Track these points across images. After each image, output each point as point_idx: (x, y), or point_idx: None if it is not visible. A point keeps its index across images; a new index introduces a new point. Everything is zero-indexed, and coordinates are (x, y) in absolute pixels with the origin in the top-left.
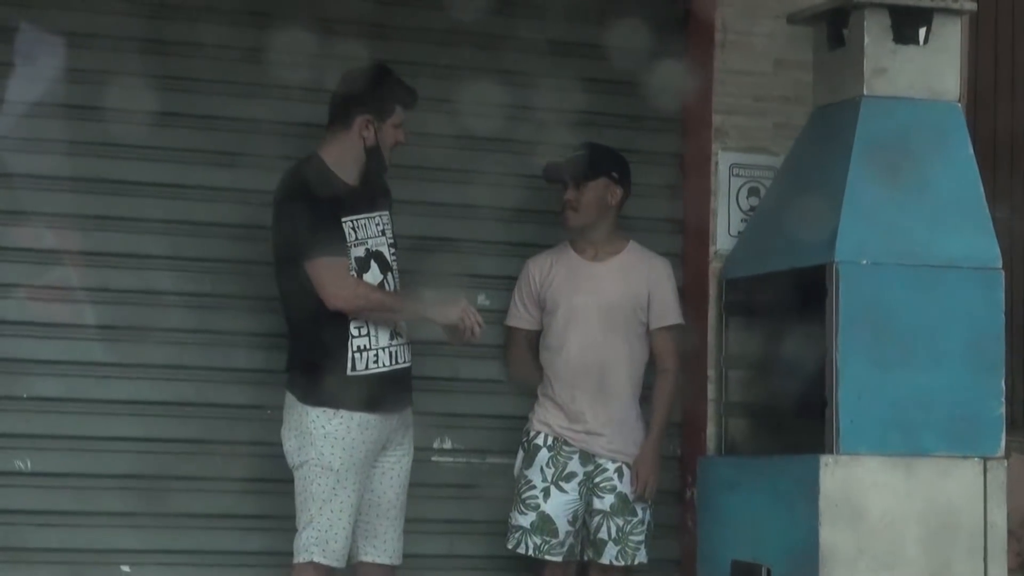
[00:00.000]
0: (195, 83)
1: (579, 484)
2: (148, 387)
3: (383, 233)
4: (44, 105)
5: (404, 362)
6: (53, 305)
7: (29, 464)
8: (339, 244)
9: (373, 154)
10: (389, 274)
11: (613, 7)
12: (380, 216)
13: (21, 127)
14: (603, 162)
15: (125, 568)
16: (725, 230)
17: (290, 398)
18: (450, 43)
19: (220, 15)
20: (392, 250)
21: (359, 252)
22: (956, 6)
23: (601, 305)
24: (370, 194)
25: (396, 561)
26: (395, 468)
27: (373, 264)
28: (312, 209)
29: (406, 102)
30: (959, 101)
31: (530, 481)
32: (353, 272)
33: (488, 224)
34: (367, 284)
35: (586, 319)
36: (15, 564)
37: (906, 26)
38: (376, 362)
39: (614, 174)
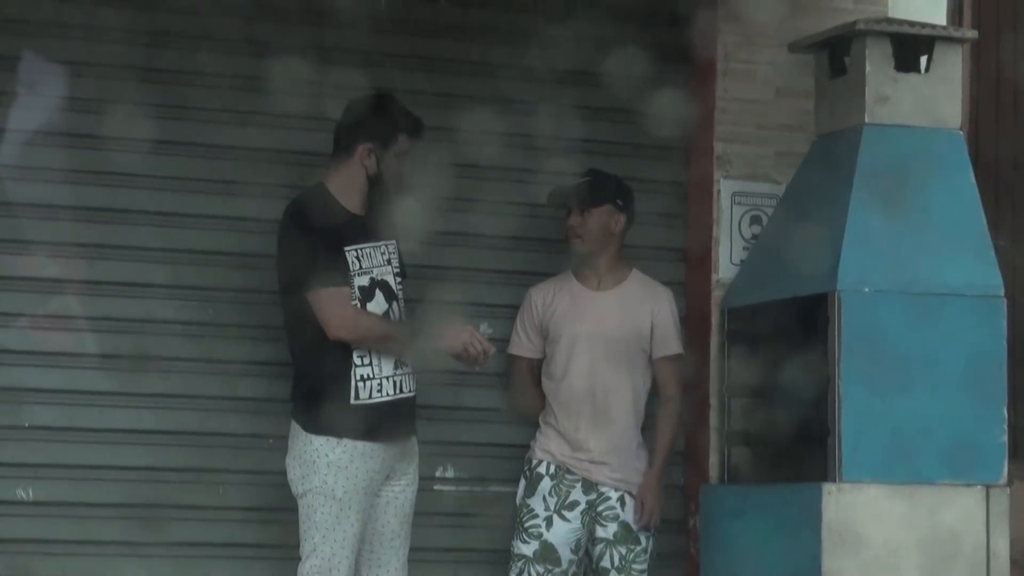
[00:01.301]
0: (195, 111)
1: (582, 513)
2: (150, 416)
3: (388, 262)
4: (45, 134)
5: (408, 391)
6: (55, 334)
7: (31, 493)
8: (341, 273)
9: (376, 183)
10: (395, 303)
11: (616, 36)
12: (386, 245)
13: (22, 156)
14: (607, 189)
15: None
16: (727, 258)
17: (294, 427)
18: (451, 72)
19: (220, 43)
20: (399, 279)
21: (363, 281)
22: (957, 34)
23: (604, 334)
24: (376, 223)
25: None
26: (399, 498)
27: (378, 293)
28: (314, 238)
29: (410, 131)
30: (961, 129)
31: (532, 510)
32: (357, 301)
33: (491, 252)
34: (369, 314)
35: (589, 348)
36: None
37: (907, 54)
38: (380, 391)
39: (618, 201)
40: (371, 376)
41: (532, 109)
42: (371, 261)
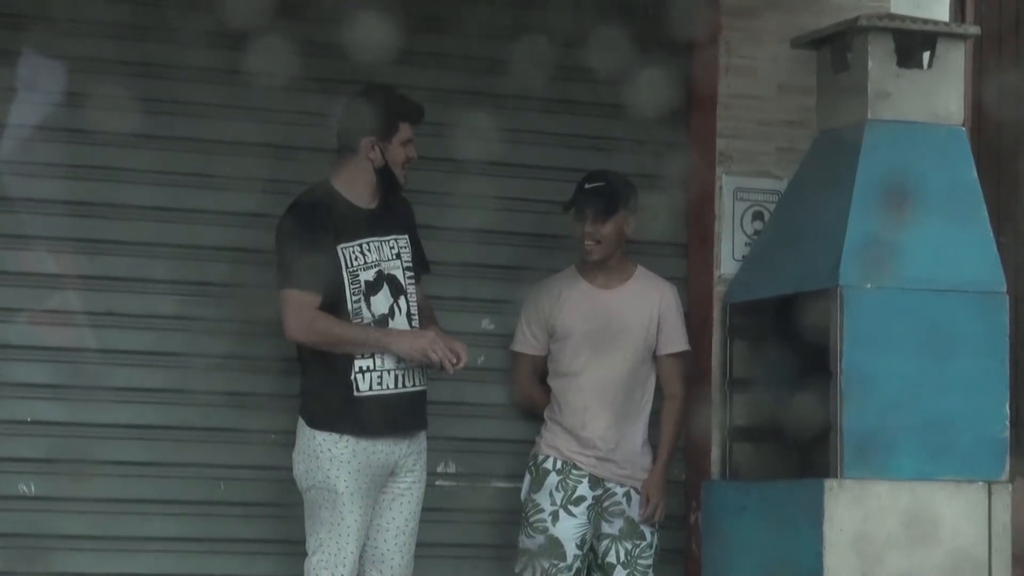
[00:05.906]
0: (195, 107)
1: (588, 508)
2: (152, 411)
3: (398, 257)
4: (44, 129)
5: (414, 386)
6: (56, 329)
7: (33, 488)
8: (315, 277)
9: (384, 174)
10: (402, 297)
11: (617, 31)
12: (396, 240)
13: (20, 151)
14: (622, 195)
15: None
16: (729, 254)
17: (300, 422)
18: (453, 68)
19: (218, 39)
20: (409, 274)
21: (368, 275)
22: (960, 30)
23: (612, 332)
24: (387, 217)
25: None
26: (405, 495)
27: (385, 287)
28: (295, 238)
29: (411, 118)
30: (963, 125)
31: (538, 505)
32: (360, 296)
33: (492, 248)
34: (327, 319)
35: (597, 346)
36: None
37: (910, 50)
38: (380, 384)
39: (630, 205)
40: (371, 368)
41: (534, 105)
42: (379, 255)
